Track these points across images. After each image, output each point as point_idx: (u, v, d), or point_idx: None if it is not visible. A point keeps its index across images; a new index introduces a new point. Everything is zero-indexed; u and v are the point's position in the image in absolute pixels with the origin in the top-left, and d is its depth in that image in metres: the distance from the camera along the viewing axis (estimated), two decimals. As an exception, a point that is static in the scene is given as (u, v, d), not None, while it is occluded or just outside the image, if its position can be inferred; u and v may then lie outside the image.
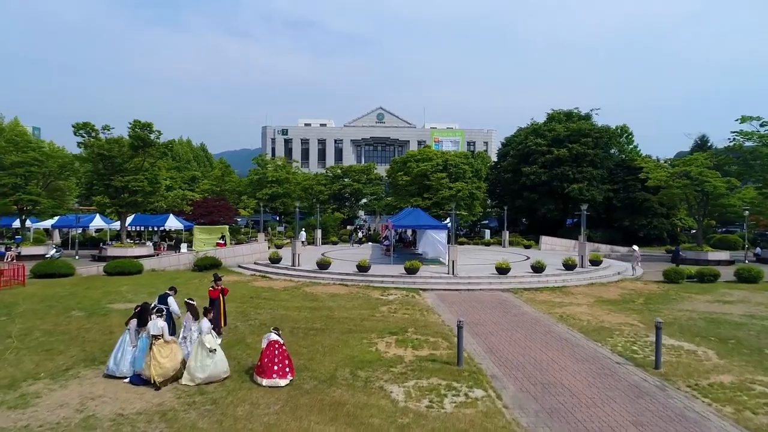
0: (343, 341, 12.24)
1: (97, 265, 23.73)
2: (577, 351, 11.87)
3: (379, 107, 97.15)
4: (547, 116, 54.14)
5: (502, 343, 12.44)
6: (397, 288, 19.80)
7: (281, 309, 15.83)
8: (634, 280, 23.58)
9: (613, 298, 18.71)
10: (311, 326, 13.70)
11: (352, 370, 10.16)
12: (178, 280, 21.41)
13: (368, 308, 16.16)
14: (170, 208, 40.62)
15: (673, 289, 20.87)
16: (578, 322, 14.73)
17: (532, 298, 18.46)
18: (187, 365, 9.27)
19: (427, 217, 28.93)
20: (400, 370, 10.16)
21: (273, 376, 9.28)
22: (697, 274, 23.02)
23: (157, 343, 9.19)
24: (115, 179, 28.60)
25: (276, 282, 21.32)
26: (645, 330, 13.90)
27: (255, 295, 18.16)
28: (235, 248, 27.16)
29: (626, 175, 47.25)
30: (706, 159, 32.46)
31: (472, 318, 15.16)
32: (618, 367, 10.71)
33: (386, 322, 14.25)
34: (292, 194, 56.23)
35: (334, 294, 18.52)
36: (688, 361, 11.12)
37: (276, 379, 9.27)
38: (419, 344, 12.07)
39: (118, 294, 18.21)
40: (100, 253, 29.59)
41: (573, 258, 24.32)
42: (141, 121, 28.39)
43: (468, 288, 20.08)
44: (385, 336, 12.78)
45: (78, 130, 28.17)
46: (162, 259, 25.47)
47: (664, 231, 46.68)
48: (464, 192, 44.65)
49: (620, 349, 12.03)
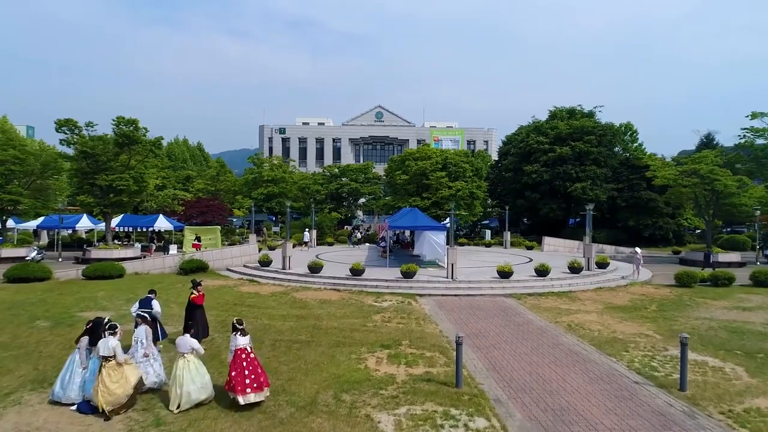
0: (329, 356, 10.99)
1: (77, 269, 22.46)
2: (589, 368, 10.62)
3: (378, 106, 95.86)
4: (549, 114, 52.86)
5: (506, 358, 11.19)
6: (393, 293, 18.55)
7: (265, 318, 14.57)
8: (644, 284, 22.32)
9: (624, 305, 17.47)
10: (296, 338, 12.46)
11: (336, 392, 8.92)
12: (160, 284, 20.13)
13: (360, 317, 14.92)
14: (161, 208, 39.34)
15: (686, 294, 19.62)
16: (588, 333, 13.49)
17: (536, 305, 17.21)
18: (183, 391, 8.02)
19: (425, 218, 27.67)
20: (391, 393, 8.92)
21: (247, 391, 8.08)
22: (710, 277, 21.76)
23: (107, 366, 7.94)
24: (100, 178, 27.34)
25: (264, 287, 20.07)
26: (662, 342, 12.67)
27: (239, 301, 16.90)
28: (223, 250, 25.88)
29: (631, 173, 45.98)
30: (715, 157, 31.21)
31: (472, 328, 13.92)
32: (638, 388, 9.46)
33: (378, 333, 13.01)
34: (288, 194, 55.00)
35: (325, 300, 17.26)
36: (715, 381, 9.87)
37: (250, 395, 8.09)
38: (414, 360, 10.83)
39: (93, 301, 16.95)
40: (84, 255, 28.32)
41: (579, 260, 23.07)
42: (125, 118, 27.12)
43: (468, 293, 18.83)
44: (376, 350, 11.53)
45: (60, 126, 26.91)
46: (146, 262, 24.20)
47: (670, 231, 45.40)
48: (464, 191, 43.40)
49: (638, 365, 10.79)
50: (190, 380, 8.14)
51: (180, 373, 8.19)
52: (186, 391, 8.06)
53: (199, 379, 8.26)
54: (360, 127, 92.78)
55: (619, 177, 46.80)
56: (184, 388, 8.06)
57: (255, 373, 8.18)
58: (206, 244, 34.82)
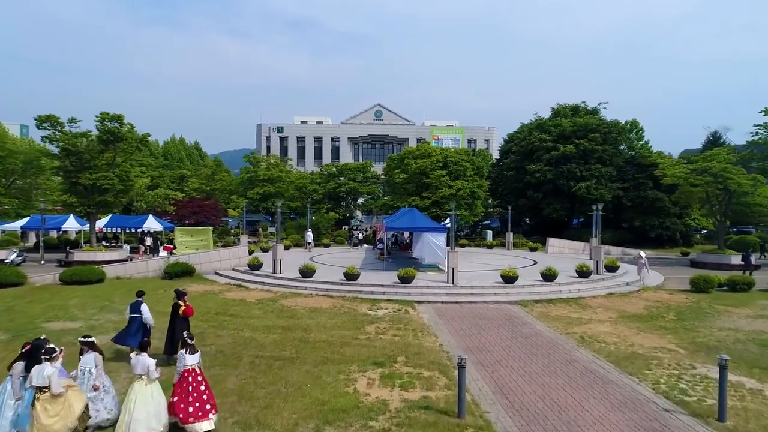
0: (314, 377, 9.69)
1: (55, 273, 21.13)
2: (610, 390, 9.32)
3: (378, 104, 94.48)
4: (552, 111, 51.48)
5: (514, 379, 9.88)
6: (389, 300, 17.22)
7: (248, 329, 13.26)
8: (657, 289, 20.98)
9: (639, 313, 16.16)
10: (279, 354, 11.15)
11: (318, 425, 7.63)
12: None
13: (352, 327, 13.61)
14: (152, 208, 38.02)
15: (704, 301, 18.30)
16: (604, 347, 12.18)
17: (544, 313, 15.91)
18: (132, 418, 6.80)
19: (424, 219, 26.33)
20: (383, 425, 7.63)
21: (190, 420, 6.99)
22: (728, 282, 20.42)
23: (41, 398, 6.65)
24: (83, 176, 26.01)
25: (251, 293, 18.75)
26: (687, 358, 11.36)
27: (222, 310, 15.59)
28: (211, 253, 24.54)
29: (637, 172, 44.59)
30: (728, 154, 29.88)
31: (475, 341, 12.61)
32: (668, 417, 8.16)
33: (372, 348, 11.70)
34: (284, 193, 53.70)
35: (315, 308, 15.95)
36: (756, 407, 8.58)
37: (194, 424, 7.00)
38: (410, 382, 9.53)
39: (63, 309, 15.63)
40: (67, 257, 27.00)
41: (587, 264, 21.76)
42: (109, 113, 25.79)
43: (470, 300, 17.51)
44: (368, 368, 10.24)
45: (41, 123, 25.58)
46: (128, 266, 22.87)
47: (677, 232, 44.03)
48: (465, 191, 42.01)
49: (664, 387, 9.49)
50: (141, 406, 6.94)
51: (132, 397, 7.01)
52: (135, 419, 6.83)
53: (153, 405, 7.03)
54: (359, 125, 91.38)
55: (624, 176, 45.43)
56: (134, 414, 6.85)
57: (200, 399, 7.07)
58: (197, 245, 33.50)
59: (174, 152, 78.61)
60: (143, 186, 40.68)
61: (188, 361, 7.25)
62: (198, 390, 7.11)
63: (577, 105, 50.72)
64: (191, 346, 7.38)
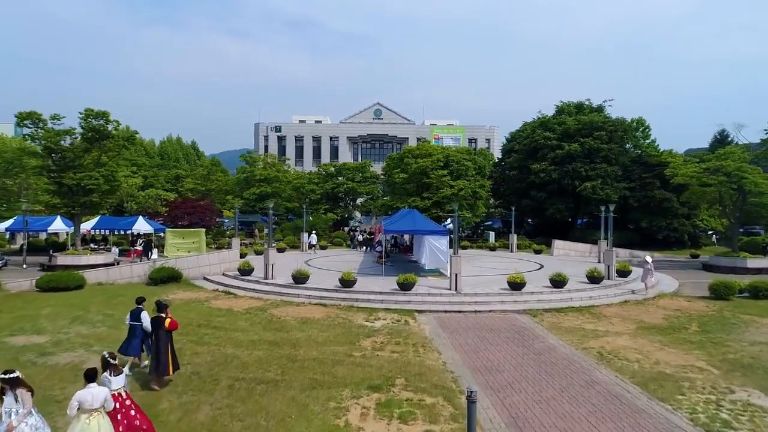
0: (300, 406, 8.42)
1: (32, 278, 19.84)
2: (642, 423, 8.04)
3: (377, 103, 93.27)
4: (556, 108, 50.18)
5: (529, 406, 8.61)
6: (387, 309, 15.95)
7: (230, 345, 11.99)
8: (673, 295, 19.70)
9: (658, 323, 14.88)
10: (262, 376, 9.88)
11: (300, 472, 6.36)
12: (123, 296, 17.60)
13: (347, 342, 12.35)
14: (143, 209, 36.73)
15: (726, 309, 17.02)
16: (627, 365, 10.90)
17: (556, 324, 14.63)
18: None
19: (425, 220, 25.06)
20: (377, 473, 6.36)
21: None
22: (749, 287, 19.14)
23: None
24: (66, 176, 24.73)
25: (240, 300, 17.48)
26: (722, 378, 10.09)
27: (205, 321, 14.31)
28: (200, 257, 23.24)
29: (643, 172, 43.29)
30: (743, 153, 28.60)
31: (483, 358, 11.33)
32: (717, 459, 6.89)
33: (367, 367, 10.43)
34: (282, 194, 52.45)
35: (307, 319, 14.68)
36: (817, 445, 7.30)
37: None
38: (410, 411, 8.25)
39: (32, 320, 14.35)
40: (50, 261, 25.72)
41: (598, 268, 20.50)
42: (94, 110, 24.50)
43: (475, 309, 16.23)
44: (362, 393, 8.98)
45: (22, 120, 24.30)
46: (111, 271, 21.57)
47: (685, 233, 42.75)
48: (467, 191, 40.79)
49: (704, 418, 8.20)
50: None
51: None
52: None
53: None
54: (358, 125, 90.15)
55: (630, 175, 44.13)
56: None
57: (132, 427, 5.80)
58: (189, 247, 32.31)
59: (170, 152, 77.35)
60: (134, 186, 39.42)
61: (113, 385, 6.07)
62: (128, 417, 5.92)
63: (581, 102, 49.45)
64: (114, 366, 6.16)
